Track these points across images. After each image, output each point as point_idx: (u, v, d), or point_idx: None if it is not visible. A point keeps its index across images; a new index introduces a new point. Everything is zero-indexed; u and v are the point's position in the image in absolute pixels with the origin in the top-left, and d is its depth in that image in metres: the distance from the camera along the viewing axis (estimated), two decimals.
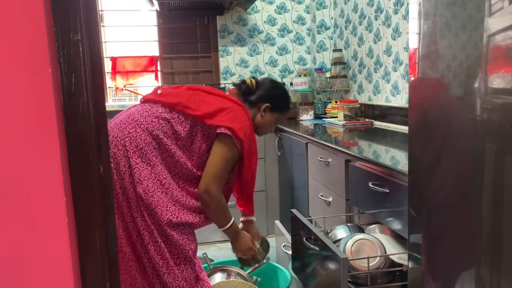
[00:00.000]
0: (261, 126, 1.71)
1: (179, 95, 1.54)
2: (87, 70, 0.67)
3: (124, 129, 1.46)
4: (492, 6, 0.82)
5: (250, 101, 1.69)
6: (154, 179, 1.43)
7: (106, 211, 0.73)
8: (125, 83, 3.47)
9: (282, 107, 1.74)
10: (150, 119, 1.47)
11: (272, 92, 1.71)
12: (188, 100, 1.51)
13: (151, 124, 1.46)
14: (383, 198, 1.52)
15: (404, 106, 2.53)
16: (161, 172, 1.44)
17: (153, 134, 1.45)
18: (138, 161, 1.42)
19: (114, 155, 1.42)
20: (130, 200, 1.42)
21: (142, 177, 1.41)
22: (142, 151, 1.43)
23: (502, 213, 0.84)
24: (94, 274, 0.72)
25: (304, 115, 3.27)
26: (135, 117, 1.49)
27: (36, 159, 0.65)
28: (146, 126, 1.46)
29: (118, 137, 1.44)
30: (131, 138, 1.43)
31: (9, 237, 0.66)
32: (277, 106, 1.71)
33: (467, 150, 0.92)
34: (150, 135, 1.45)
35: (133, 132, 1.44)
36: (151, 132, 1.45)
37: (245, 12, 3.58)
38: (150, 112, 1.50)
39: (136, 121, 1.47)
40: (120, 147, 1.43)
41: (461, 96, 0.94)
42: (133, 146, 1.43)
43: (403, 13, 2.54)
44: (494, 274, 0.89)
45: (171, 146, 1.46)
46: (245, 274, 1.92)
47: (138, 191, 1.40)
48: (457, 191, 0.97)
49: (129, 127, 1.46)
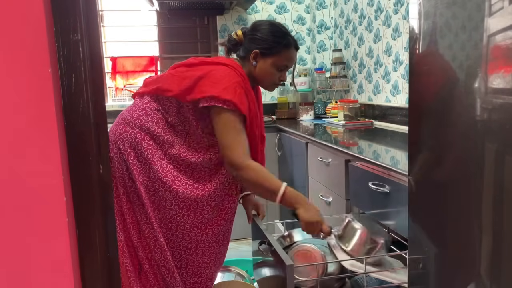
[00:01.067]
0: (260, 78, 1.49)
1: (159, 80, 1.42)
2: (87, 70, 0.67)
3: (116, 130, 1.40)
4: (492, 6, 0.82)
5: (241, 57, 1.50)
6: (154, 178, 1.36)
7: (106, 211, 0.73)
8: (125, 83, 3.47)
9: (273, 47, 1.43)
10: (137, 114, 1.39)
11: (257, 35, 1.44)
12: (166, 81, 1.39)
13: (138, 119, 1.37)
14: (383, 198, 1.52)
15: (404, 106, 2.53)
16: (161, 170, 1.36)
17: (144, 129, 1.36)
18: (135, 162, 1.36)
19: (111, 159, 1.36)
20: (133, 205, 1.38)
21: (142, 177, 1.36)
22: (137, 151, 1.36)
23: (502, 213, 0.84)
24: (94, 274, 0.72)
25: (304, 115, 3.27)
26: (123, 115, 1.42)
27: (36, 159, 0.65)
28: (135, 122, 1.37)
29: (112, 141, 1.38)
30: (122, 139, 1.37)
31: (9, 237, 0.66)
32: (267, 48, 1.43)
33: (467, 150, 0.92)
34: (140, 131, 1.36)
35: (123, 132, 1.38)
36: (140, 128, 1.37)
37: (245, 12, 3.58)
38: (137, 106, 1.41)
39: (124, 120, 1.40)
40: (116, 150, 1.37)
41: (461, 96, 0.94)
42: (126, 148, 1.36)
43: (403, 13, 2.54)
44: (494, 274, 0.89)
45: (167, 136, 1.36)
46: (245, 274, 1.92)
47: (141, 193, 1.36)
48: (457, 191, 0.97)
49: (120, 128, 1.40)
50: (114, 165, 1.37)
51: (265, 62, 1.45)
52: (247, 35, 1.48)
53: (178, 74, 1.39)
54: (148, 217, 1.37)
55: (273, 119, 3.42)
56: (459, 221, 0.97)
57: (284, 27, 1.51)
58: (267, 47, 1.43)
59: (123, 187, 1.38)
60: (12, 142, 0.64)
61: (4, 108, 0.63)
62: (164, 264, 1.40)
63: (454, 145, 0.97)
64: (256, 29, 1.46)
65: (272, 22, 1.50)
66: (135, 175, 1.36)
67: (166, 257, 1.39)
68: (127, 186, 1.38)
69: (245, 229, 3.04)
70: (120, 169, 1.37)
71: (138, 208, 1.38)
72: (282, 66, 1.47)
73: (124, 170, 1.37)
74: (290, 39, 1.47)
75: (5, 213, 0.65)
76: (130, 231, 1.39)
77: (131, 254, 1.40)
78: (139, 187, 1.36)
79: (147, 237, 1.39)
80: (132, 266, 1.40)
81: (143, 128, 1.37)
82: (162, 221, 1.39)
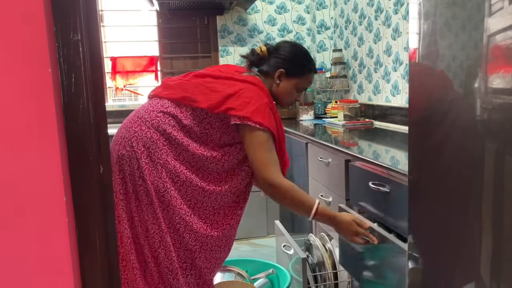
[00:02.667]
0: (280, 97, 1.55)
1: (185, 88, 1.44)
2: (87, 70, 0.67)
3: (130, 128, 1.40)
4: (492, 6, 0.82)
5: (263, 72, 1.54)
6: (166, 178, 1.36)
7: (106, 211, 0.73)
8: (125, 83, 3.47)
9: (299, 69, 1.52)
10: (155, 114, 1.40)
11: (284, 54, 1.52)
12: (194, 91, 1.42)
13: (156, 119, 1.39)
14: (383, 198, 1.52)
15: (404, 106, 2.53)
16: (174, 170, 1.37)
17: (160, 130, 1.38)
18: (148, 161, 1.36)
19: (123, 156, 1.36)
20: (141, 203, 1.38)
21: (153, 177, 1.36)
22: (150, 150, 1.36)
23: (502, 213, 0.84)
24: (94, 274, 0.72)
25: (304, 115, 3.27)
26: (140, 114, 1.42)
27: (36, 159, 0.65)
28: (151, 122, 1.38)
29: (125, 138, 1.39)
30: (137, 137, 1.37)
31: (9, 237, 0.66)
32: (293, 70, 1.51)
33: (467, 150, 0.92)
34: (156, 131, 1.38)
35: (139, 130, 1.38)
36: (157, 128, 1.38)
37: (245, 12, 3.58)
38: (155, 107, 1.42)
39: (141, 118, 1.40)
40: (128, 148, 1.37)
41: (461, 96, 0.94)
42: (140, 146, 1.36)
43: (403, 13, 2.54)
44: (494, 274, 0.89)
45: (182, 140, 1.37)
46: (245, 274, 1.92)
47: (151, 192, 1.35)
48: (457, 191, 0.97)
49: (135, 126, 1.39)
50: (125, 162, 1.37)
51: (288, 82, 1.52)
52: (272, 52, 1.53)
53: (205, 84, 1.43)
54: (157, 217, 1.38)
55: None
56: (459, 221, 0.97)
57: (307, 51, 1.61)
58: (293, 68, 1.51)
59: (132, 185, 1.38)
60: (12, 142, 0.64)
61: (4, 108, 0.63)
62: (167, 265, 1.40)
63: (454, 145, 0.97)
64: (283, 49, 1.53)
65: (298, 44, 1.60)
66: (147, 174, 1.36)
67: (171, 258, 1.39)
68: (136, 184, 1.37)
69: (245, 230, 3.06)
70: (131, 167, 1.37)
71: (146, 207, 1.38)
72: (302, 88, 1.57)
73: (135, 168, 1.37)
74: (313, 64, 1.58)
75: (5, 213, 0.65)
76: (137, 229, 1.39)
77: (138, 251, 1.40)
78: (149, 186, 1.36)
79: (152, 236, 1.39)
80: (138, 263, 1.40)
81: (160, 129, 1.38)
82: (170, 221, 1.40)
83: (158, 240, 1.38)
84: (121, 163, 1.38)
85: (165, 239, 1.38)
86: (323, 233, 2.13)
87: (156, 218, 1.37)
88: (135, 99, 3.63)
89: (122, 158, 1.37)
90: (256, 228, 3.02)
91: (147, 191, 1.37)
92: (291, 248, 1.92)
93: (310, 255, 2.05)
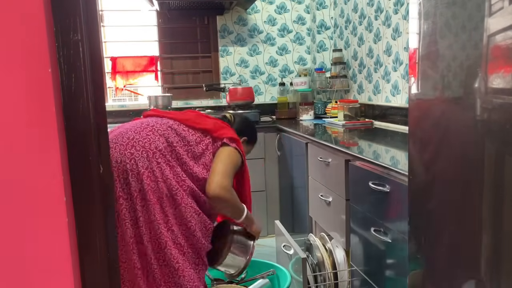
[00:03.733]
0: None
1: (185, 114, 1.66)
2: (87, 70, 0.67)
3: (141, 131, 1.48)
4: (492, 6, 0.82)
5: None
6: (177, 178, 1.44)
7: (106, 211, 0.73)
8: (125, 83, 3.47)
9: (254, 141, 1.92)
10: (165, 127, 1.52)
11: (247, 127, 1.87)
12: (195, 117, 1.64)
13: (166, 131, 1.50)
14: (383, 198, 1.52)
15: (404, 106, 2.53)
16: (181, 174, 1.46)
17: (169, 141, 1.48)
18: (160, 161, 1.43)
19: (132, 156, 1.40)
20: (148, 202, 1.39)
21: (165, 175, 1.41)
22: (162, 152, 1.45)
23: (502, 213, 0.84)
24: (94, 274, 0.72)
25: (304, 115, 3.27)
26: (150, 123, 1.53)
27: (36, 159, 0.65)
28: (162, 132, 1.49)
29: (136, 139, 1.45)
30: (149, 140, 1.45)
31: (9, 237, 0.66)
32: (252, 140, 1.89)
33: (467, 150, 0.92)
34: (166, 141, 1.48)
35: (151, 135, 1.47)
36: (167, 139, 1.48)
37: (245, 12, 3.58)
38: (162, 122, 1.55)
39: (152, 127, 1.51)
40: (139, 147, 1.43)
41: (461, 96, 0.94)
42: (152, 147, 1.44)
43: (403, 13, 2.54)
44: (494, 274, 0.89)
45: (183, 155, 1.49)
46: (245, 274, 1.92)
47: (163, 190, 1.40)
48: (457, 191, 0.97)
49: (146, 130, 1.48)
50: (134, 162, 1.40)
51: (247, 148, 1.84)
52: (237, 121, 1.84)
53: (203, 116, 1.68)
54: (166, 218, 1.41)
55: (273, 119, 3.42)
56: (459, 221, 0.97)
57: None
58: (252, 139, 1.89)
59: (139, 184, 1.39)
60: (12, 142, 0.64)
61: (4, 108, 0.63)
62: (172, 264, 1.42)
63: (454, 145, 0.97)
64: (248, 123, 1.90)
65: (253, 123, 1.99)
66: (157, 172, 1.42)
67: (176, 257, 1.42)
68: (144, 183, 1.39)
69: None
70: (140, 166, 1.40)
71: (152, 207, 1.39)
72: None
73: (145, 167, 1.41)
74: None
75: (5, 213, 0.65)
76: (141, 229, 1.40)
77: (140, 252, 1.41)
78: (160, 184, 1.40)
79: (158, 237, 1.40)
80: (140, 263, 1.41)
81: (169, 141, 1.49)
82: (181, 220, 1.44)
83: (164, 241, 1.40)
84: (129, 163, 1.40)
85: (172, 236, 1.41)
86: (323, 233, 2.13)
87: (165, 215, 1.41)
88: (135, 99, 3.63)
89: (130, 158, 1.40)
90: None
91: (159, 188, 1.41)
92: (291, 248, 1.92)
93: (310, 255, 2.05)
